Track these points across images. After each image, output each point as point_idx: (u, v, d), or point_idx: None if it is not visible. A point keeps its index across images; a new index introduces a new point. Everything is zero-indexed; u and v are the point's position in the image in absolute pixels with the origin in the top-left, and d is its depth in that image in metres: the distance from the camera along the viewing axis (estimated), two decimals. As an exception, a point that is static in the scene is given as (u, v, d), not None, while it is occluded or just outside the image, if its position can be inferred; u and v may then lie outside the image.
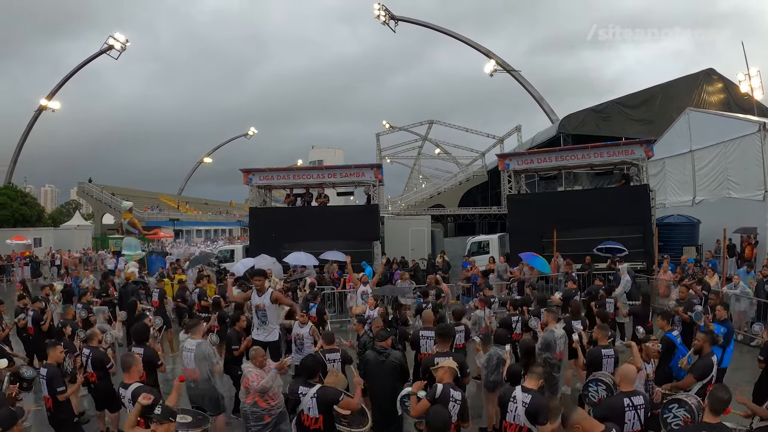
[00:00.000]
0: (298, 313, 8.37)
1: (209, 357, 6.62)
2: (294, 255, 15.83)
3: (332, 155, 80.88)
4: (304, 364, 5.34)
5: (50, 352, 6.36)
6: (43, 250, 33.44)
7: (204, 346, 6.69)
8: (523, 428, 4.59)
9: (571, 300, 9.98)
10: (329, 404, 4.89)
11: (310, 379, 5.09)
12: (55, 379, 6.10)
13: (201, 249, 29.76)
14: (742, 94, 32.51)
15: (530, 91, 49.26)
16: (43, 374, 6.16)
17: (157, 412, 4.20)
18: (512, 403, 4.68)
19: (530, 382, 4.80)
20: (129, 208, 29.01)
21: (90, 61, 51.81)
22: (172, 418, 4.23)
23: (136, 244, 25.31)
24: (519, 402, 4.63)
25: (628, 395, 4.71)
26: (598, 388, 5.70)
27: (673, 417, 4.88)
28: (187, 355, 6.70)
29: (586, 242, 16.90)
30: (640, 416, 4.62)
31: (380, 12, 51.67)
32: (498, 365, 6.91)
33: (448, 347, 6.20)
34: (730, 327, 7.64)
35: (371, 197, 21.48)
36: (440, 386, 4.85)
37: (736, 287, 12.23)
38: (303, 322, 8.27)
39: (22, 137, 51.16)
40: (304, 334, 8.18)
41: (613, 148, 20.08)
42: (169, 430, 4.19)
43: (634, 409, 4.62)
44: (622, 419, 4.56)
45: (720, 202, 20.49)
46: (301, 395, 4.94)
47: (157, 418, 4.15)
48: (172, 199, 67.17)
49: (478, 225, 38.50)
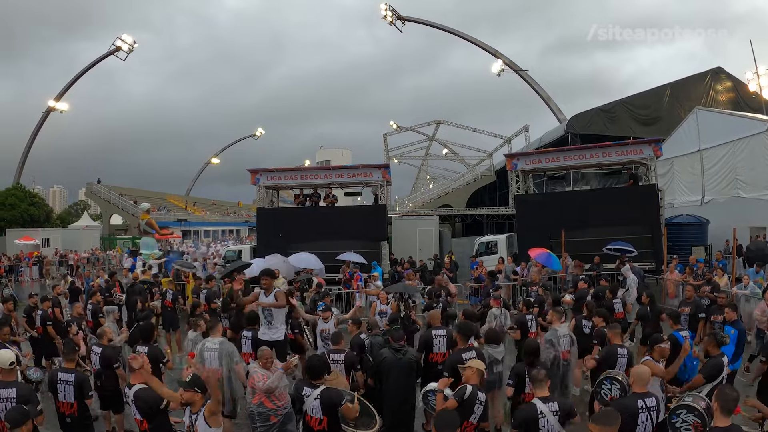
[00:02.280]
0: (302, 314, 8.36)
1: (232, 355, 6.63)
2: (296, 256, 15.79)
3: (339, 156, 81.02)
4: (310, 363, 5.25)
5: (70, 356, 6.00)
6: (51, 251, 33.66)
7: (227, 345, 6.71)
8: None
9: (584, 300, 9.93)
10: (333, 406, 4.82)
11: (316, 379, 5.01)
12: (85, 384, 5.83)
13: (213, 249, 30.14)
14: (751, 92, 32.29)
15: (538, 90, 49.18)
16: (70, 380, 5.77)
17: (187, 380, 4.55)
18: (542, 419, 4.46)
19: (542, 391, 4.66)
20: (147, 209, 30.76)
21: (97, 63, 52.12)
22: (198, 389, 4.50)
23: (154, 244, 25.55)
24: (548, 414, 4.46)
25: (642, 396, 4.62)
26: (612, 387, 5.62)
27: (681, 422, 4.75)
28: (209, 354, 6.69)
29: (594, 242, 16.79)
30: (653, 418, 4.55)
31: (387, 12, 51.69)
32: (491, 365, 6.90)
33: (467, 344, 6.20)
34: (741, 328, 7.55)
35: (379, 197, 21.45)
36: (469, 387, 4.82)
37: (746, 288, 12.12)
38: (326, 317, 8.34)
39: (31, 138, 51.52)
40: (329, 329, 8.18)
41: (622, 147, 19.97)
42: (192, 398, 4.48)
43: (647, 411, 4.55)
44: (635, 421, 4.49)
45: (729, 202, 20.38)
46: (305, 396, 4.89)
47: (184, 386, 4.52)
48: (179, 200, 67.36)
49: (485, 225, 38.38)
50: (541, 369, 4.88)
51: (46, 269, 28.45)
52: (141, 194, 55.63)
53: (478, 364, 5.10)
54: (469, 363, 5.10)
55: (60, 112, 51.53)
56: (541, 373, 4.77)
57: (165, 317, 12.02)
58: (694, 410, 4.70)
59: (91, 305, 10.89)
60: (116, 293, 13.20)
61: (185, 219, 48.95)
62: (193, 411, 4.50)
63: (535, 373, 4.79)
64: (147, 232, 27.64)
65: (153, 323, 7.48)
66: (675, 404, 4.89)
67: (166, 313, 11.96)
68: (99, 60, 51.84)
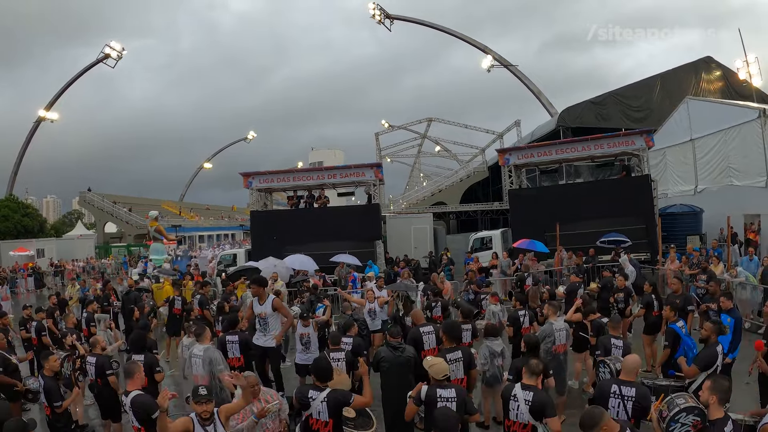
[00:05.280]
0: (291, 323, 8.28)
1: (215, 362, 6.55)
2: (290, 258, 15.75)
3: (332, 156, 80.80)
4: (317, 365, 5.03)
5: (45, 363, 6.31)
6: (45, 261, 33.53)
7: (211, 351, 6.63)
8: (527, 425, 4.49)
9: (575, 294, 9.92)
10: (340, 407, 4.75)
11: (324, 382, 4.85)
12: (52, 392, 6.08)
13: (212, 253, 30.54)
14: (741, 81, 32.36)
15: (528, 85, 49.15)
16: (41, 384, 6.18)
17: (202, 392, 4.31)
18: (513, 401, 4.55)
19: (529, 379, 4.67)
20: (155, 216, 31.90)
21: (86, 71, 51.76)
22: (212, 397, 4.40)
23: (163, 249, 26.90)
24: (521, 400, 4.50)
25: (621, 383, 4.72)
26: (604, 371, 5.82)
27: (681, 426, 4.53)
28: (195, 361, 6.62)
29: (589, 235, 16.84)
30: (626, 407, 4.59)
31: (375, 11, 51.63)
32: (492, 357, 6.86)
33: (454, 344, 6.15)
34: (737, 316, 7.52)
35: (372, 197, 21.44)
36: (424, 387, 4.74)
37: (736, 278, 12.09)
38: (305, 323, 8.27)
39: (22, 148, 51.22)
40: (309, 333, 8.16)
41: (613, 139, 20.02)
42: (208, 409, 4.28)
43: (620, 398, 4.63)
44: (606, 404, 4.59)
45: (722, 190, 20.39)
46: (311, 399, 4.75)
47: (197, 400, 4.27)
48: (173, 206, 67.10)
49: (480, 221, 38.40)
50: (540, 362, 4.87)
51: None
52: (135, 201, 55.51)
53: (430, 363, 4.91)
54: (425, 363, 4.95)
55: (51, 122, 51.20)
56: (539, 366, 4.77)
57: (170, 324, 11.83)
58: (694, 410, 4.53)
59: (85, 313, 10.82)
60: (113, 301, 13.16)
61: (179, 225, 48.76)
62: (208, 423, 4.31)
63: (534, 363, 4.78)
64: (156, 239, 29.28)
65: (145, 332, 7.40)
66: (672, 412, 4.69)
67: (174, 320, 11.70)
68: (88, 68, 51.50)
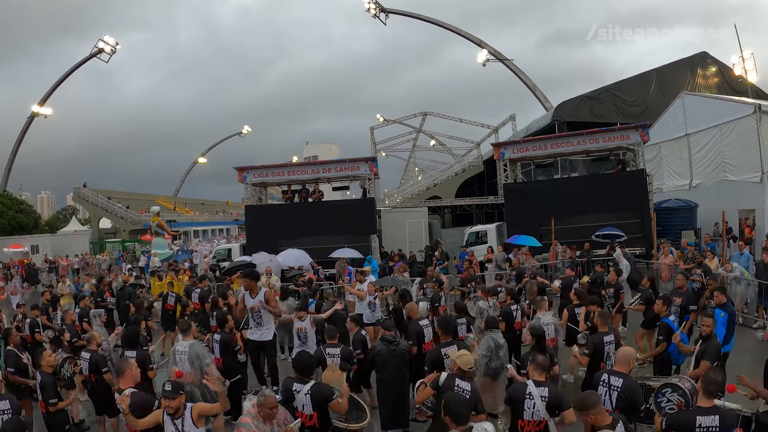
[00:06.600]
0: (281, 317, 8.29)
1: (202, 357, 6.51)
2: (285, 253, 15.72)
3: (327, 150, 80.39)
4: (298, 361, 5.17)
5: (40, 359, 6.30)
6: (40, 257, 33.39)
7: (196, 347, 6.60)
8: (541, 422, 4.49)
9: (570, 288, 9.91)
10: (324, 401, 4.81)
11: (306, 376, 4.96)
12: (46, 388, 6.07)
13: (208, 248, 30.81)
14: (736, 76, 32.39)
15: (523, 79, 49.13)
16: (38, 381, 6.15)
17: (167, 389, 4.42)
18: (529, 400, 4.49)
19: (540, 375, 4.68)
20: (157, 212, 32.62)
21: (79, 66, 51.44)
22: (181, 392, 4.48)
23: (165, 244, 27.39)
24: (537, 397, 4.47)
25: (610, 373, 4.78)
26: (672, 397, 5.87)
27: (666, 401, 4.86)
28: (180, 357, 6.59)
29: (584, 229, 16.85)
30: (611, 397, 4.65)
31: (370, 5, 51.42)
32: (497, 349, 6.86)
33: (450, 338, 6.18)
34: (731, 311, 7.55)
35: (367, 191, 21.41)
36: (444, 374, 4.86)
37: (730, 273, 12.09)
38: (301, 317, 8.25)
39: (16, 144, 50.85)
40: (306, 327, 8.16)
41: (609, 133, 20.03)
42: (180, 403, 4.42)
43: (607, 387, 4.70)
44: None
45: (717, 185, 20.40)
46: (295, 392, 4.85)
47: (169, 395, 4.38)
48: (168, 201, 66.87)
49: (475, 215, 38.34)
50: (546, 358, 4.94)
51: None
52: (129, 197, 55.26)
53: (458, 354, 5.12)
54: (451, 355, 5.14)
55: (44, 117, 50.83)
56: (547, 361, 4.86)
57: (165, 319, 11.83)
58: (678, 389, 4.82)
59: (78, 309, 10.76)
60: (107, 297, 13.11)
61: (174, 220, 48.58)
62: (176, 417, 4.43)
63: (541, 359, 4.82)
64: (158, 233, 29.67)
65: (137, 328, 7.36)
66: (661, 383, 4.95)
67: (167, 316, 11.72)
68: (81, 63, 51.19)
